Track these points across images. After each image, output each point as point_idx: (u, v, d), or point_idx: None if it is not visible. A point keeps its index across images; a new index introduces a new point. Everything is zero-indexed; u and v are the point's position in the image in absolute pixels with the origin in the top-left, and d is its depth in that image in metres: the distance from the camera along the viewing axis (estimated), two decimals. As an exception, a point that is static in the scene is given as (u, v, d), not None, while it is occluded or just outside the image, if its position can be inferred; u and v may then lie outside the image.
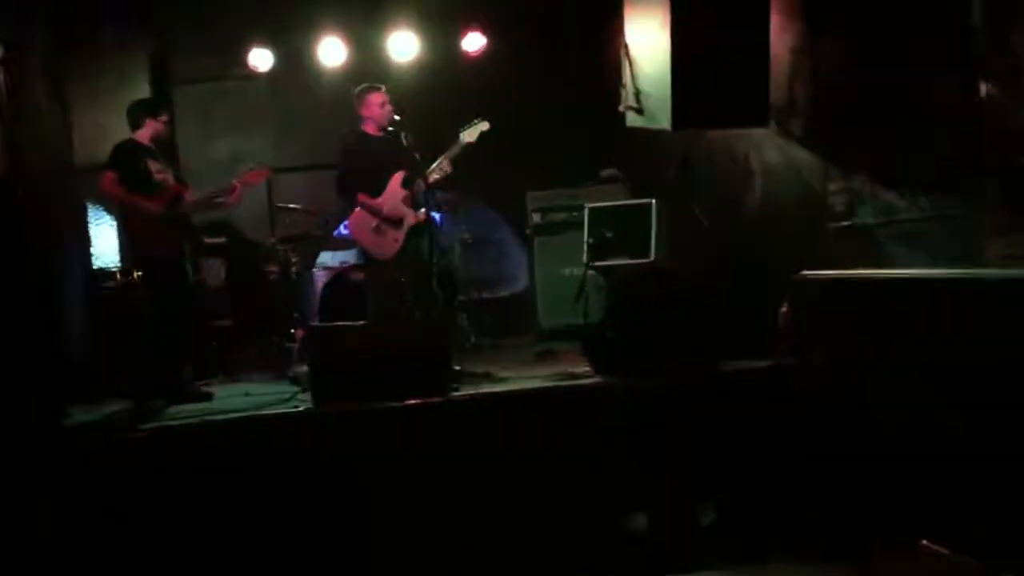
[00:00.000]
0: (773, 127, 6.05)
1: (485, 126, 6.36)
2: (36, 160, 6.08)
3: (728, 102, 5.62)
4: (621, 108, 6.26)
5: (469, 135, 6.35)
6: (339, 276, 7.69)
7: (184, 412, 5.50)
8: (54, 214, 6.39)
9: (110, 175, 5.95)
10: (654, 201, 6.57)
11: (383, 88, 6.60)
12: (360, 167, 6.46)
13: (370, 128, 6.53)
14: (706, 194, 6.58)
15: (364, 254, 6.66)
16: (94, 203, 7.21)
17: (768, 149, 6.41)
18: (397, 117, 6.26)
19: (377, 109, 6.48)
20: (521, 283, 9.29)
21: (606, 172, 7.95)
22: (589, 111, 7.53)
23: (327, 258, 8.22)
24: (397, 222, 6.42)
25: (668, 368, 5.34)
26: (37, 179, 5.99)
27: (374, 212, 6.44)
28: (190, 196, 6.23)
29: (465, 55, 8.33)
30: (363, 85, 6.65)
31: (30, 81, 6.24)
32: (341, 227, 8.66)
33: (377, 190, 6.46)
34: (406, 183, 6.44)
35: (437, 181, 6.35)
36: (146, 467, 4.70)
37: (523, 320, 8.42)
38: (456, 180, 6.69)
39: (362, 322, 6.00)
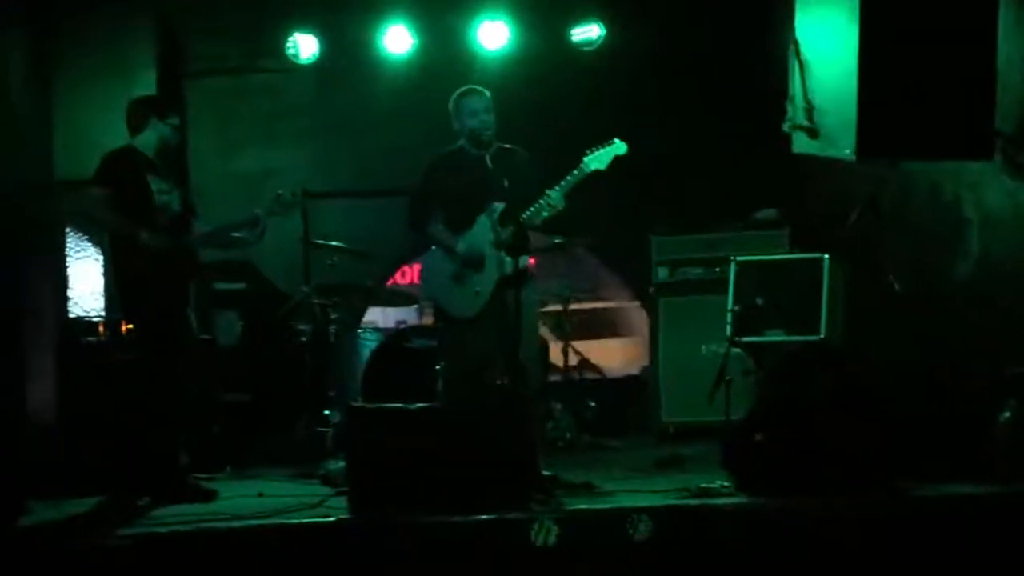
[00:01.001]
0: (999, 161, 5.97)
1: (621, 150, 6.33)
2: (4, 168, 6.26)
3: (935, 125, 5.55)
4: (786, 128, 6.23)
5: (598, 160, 6.30)
6: (393, 340, 7.75)
7: (177, 515, 5.53)
8: (22, 242, 6.56)
9: (99, 192, 6.08)
10: (827, 257, 6.54)
11: (481, 92, 6.62)
12: (445, 191, 6.51)
13: (465, 144, 6.58)
14: (900, 249, 6.49)
15: (437, 311, 6.68)
16: (76, 229, 7.40)
17: (990, 190, 6.34)
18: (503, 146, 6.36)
19: (469, 120, 6.52)
20: (638, 362, 9.25)
21: (762, 214, 7.91)
22: (741, 130, 7.52)
23: (377, 316, 8.30)
24: (480, 269, 6.44)
25: (838, 489, 5.24)
26: (3, 195, 6.16)
27: (448, 250, 6.48)
28: (198, 229, 6.35)
29: (575, 51, 8.41)
30: (459, 91, 6.68)
31: (6, 67, 6.46)
32: (399, 274, 8.80)
33: (464, 223, 6.50)
34: (504, 218, 6.43)
35: (546, 220, 6.34)
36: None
37: (639, 413, 8.35)
38: (555, 219, 6.71)
39: (421, 405, 6.00)
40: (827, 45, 5.91)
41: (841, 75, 5.69)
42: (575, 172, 6.29)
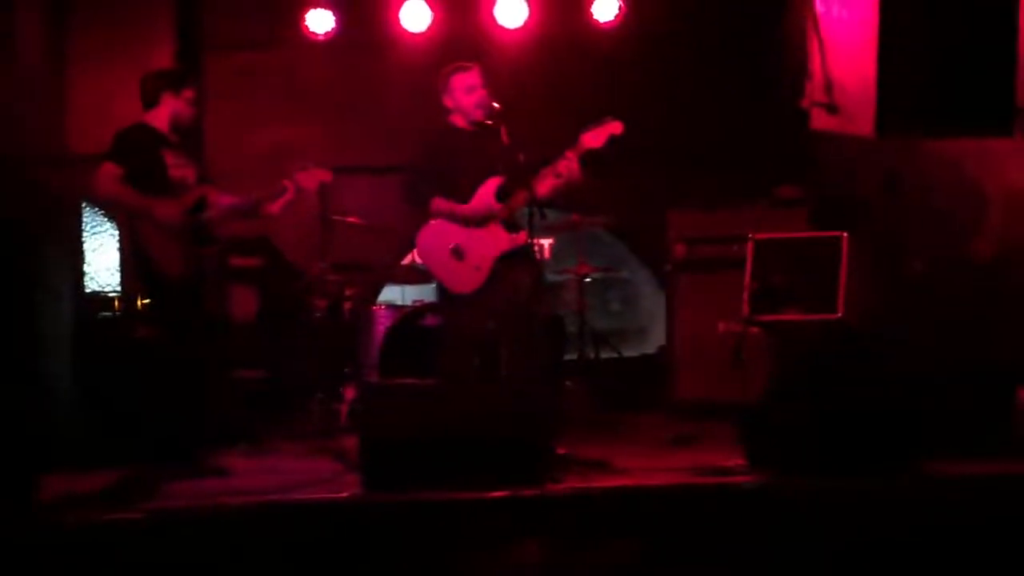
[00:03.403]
0: (1021, 138, 5.92)
1: (616, 128, 6.31)
2: (19, 142, 6.26)
3: (956, 101, 5.52)
4: (805, 104, 6.20)
5: (593, 138, 6.32)
6: (408, 318, 7.76)
7: (191, 491, 5.55)
8: (38, 216, 6.56)
9: (111, 169, 6.08)
10: (846, 235, 6.51)
11: (474, 67, 6.64)
12: (440, 166, 6.50)
13: (457, 120, 6.59)
14: (920, 228, 6.46)
15: (438, 286, 6.68)
16: (91, 205, 7.40)
17: (1013, 169, 6.28)
18: (496, 106, 6.30)
19: (463, 95, 6.54)
20: (654, 340, 9.25)
21: (781, 191, 7.88)
22: (760, 107, 7.49)
23: (394, 294, 8.30)
24: (483, 243, 6.43)
25: (855, 468, 5.22)
26: (18, 169, 6.17)
27: (454, 220, 6.46)
28: (218, 200, 6.35)
29: (594, 26, 8.37)
30: (448, 67, 6.70)
31: (22, 37, 6.44)
32: (415, 252, 8.79)
33: (461, 199, 6.50)
34: (502, 194, 6.45)
35: (548, 193, 6.34)
36: (136, 559, 4.74)
37: (655, 391, 8.35)
38: (572, 195, 6.69)
39: (435, 381, 6.02)
40: (846, 19, 5.86)
41: (860, 50, 5.66)
42: (571, 150, 6.28)
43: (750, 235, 6.87)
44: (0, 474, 5.26)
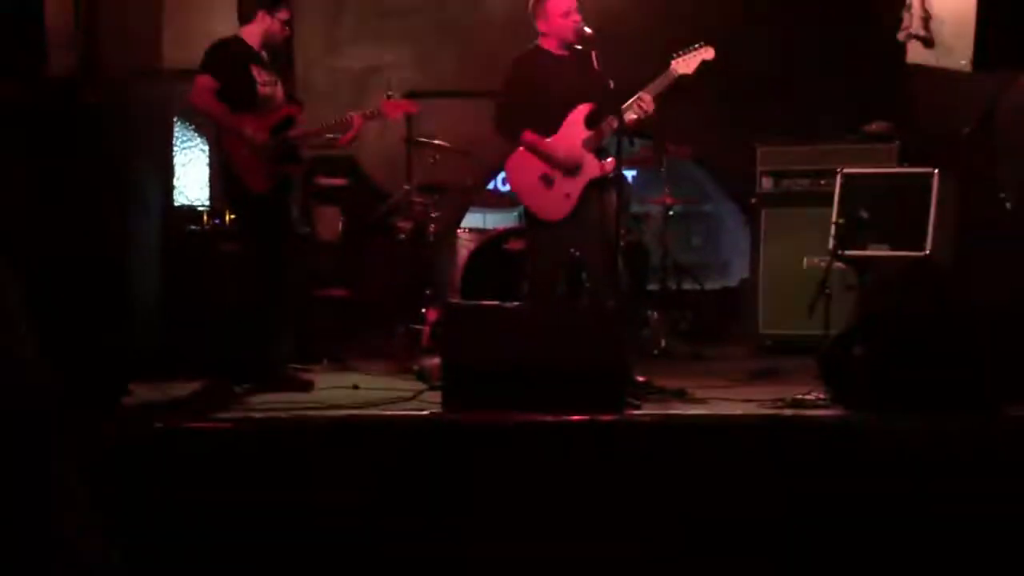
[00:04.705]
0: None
1: (709, 54, 6.27)
2: (115, 58, 6.32)
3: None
4: (901, 36, 6.10)
5: (685, 64, 6.28)
6: (492, 243, 7.77)
7: (274, 402, 5.66)
8: (132, 130, 6.64)
9: (207, 81, 6.12)
10: (937, 172, 6.43)
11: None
12: (531, 95, 6.47)
13: (550, 45, 6.54)
14: (1014, 166, 6.34)
15: (525, 212, 6.67)
16: (182, 121, 7.48)
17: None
18: (588, 31, 6.25)
19: (559, 20, 6.47)
20: (737, 273, 9.21)
21: (872, 127, 7.78)
22: (853, 39, 7.37)
23: (478, 219, 8.31)
24: (573, 172, 6.41)
25: (940, 407, 5.16)
26: (114, 83, 6.23)
27: (543, 156, 6.45)
28: (302, 121, 6.38)
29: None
30: None
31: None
32: (500, 179, 8.79)
33: (551, 127, 6.47)
34: (591, 121, 6.42)
35: (636, 123, 6.31)
36: (217, 465, 4.83)
37: (736, 324, 8.34)
38: (659, 125, 6.64)
39: (517, 304, 6.04)
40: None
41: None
42: (661, 75, 6.25)
43: (839, 169, 6.79)
44: (90, 381, 5.38)
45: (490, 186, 9.00)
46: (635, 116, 6.23)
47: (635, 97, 6.20)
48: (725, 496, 4.90)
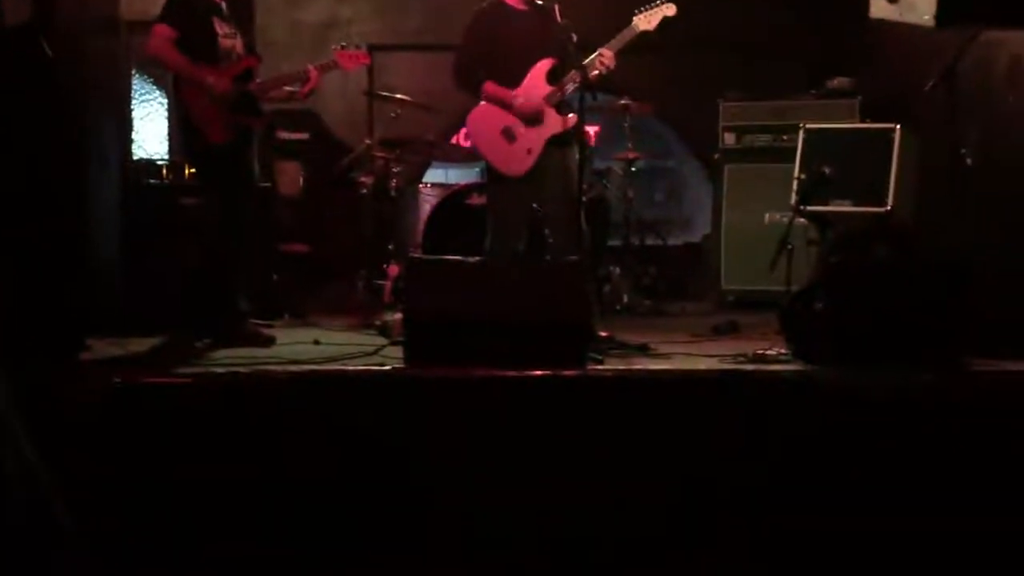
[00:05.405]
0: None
1: (671, 10, 6.25)
2: (71, 8, 6.23)
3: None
4: (864, -9, 6.07)
5: (646, 20, 6.26)
6: (454, 198, 7.74)
7: (235, 357, 5.60)
8: (89, 81, 6.55)
9: (165, 31, 6.00)
10: (898, 127, 6.46)
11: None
12: (490, 49, 6.41)
13: (511, -1, 6.48)
14: (975, 123, 6.34)
15: (487, 168, 6.63)
16: (141, 74, 7.39)
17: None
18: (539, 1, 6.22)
19: (520, -30, 6.42)
20: (700, 229, 9.22)
21: (834, 82, 7.81)
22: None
23: (440, 174, 8.27)
24: (535, 122, 6.38)
25: (901, 362, 5.17)
26: (70, 33, 6.14)
27: (504, 105, 6.40)
28: (260, 75, 6.31)
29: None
30: None
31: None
32: (462, 134, 8.74)
33: (512, 81, 6.42)
34: (554, 76, 6.38)
35: (598, 78, 6.28)
36: (176, 421, 4.80)
37: (698, 279, 8.37)
38: (622, 80, 6.60)
39: (478, 259, 6.01)
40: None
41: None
42: (623, 31, 6.22)
43: (801, 125, 6.79)
44: (48, 335, 5.32)
45: (452, 141, 8.96)
46: (596, 72, 6.19)
47: (596, 53, 6.17)
48: (687, 450, 4.91)
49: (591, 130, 9.08)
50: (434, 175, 9.11)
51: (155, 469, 4.68)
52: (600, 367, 5.32)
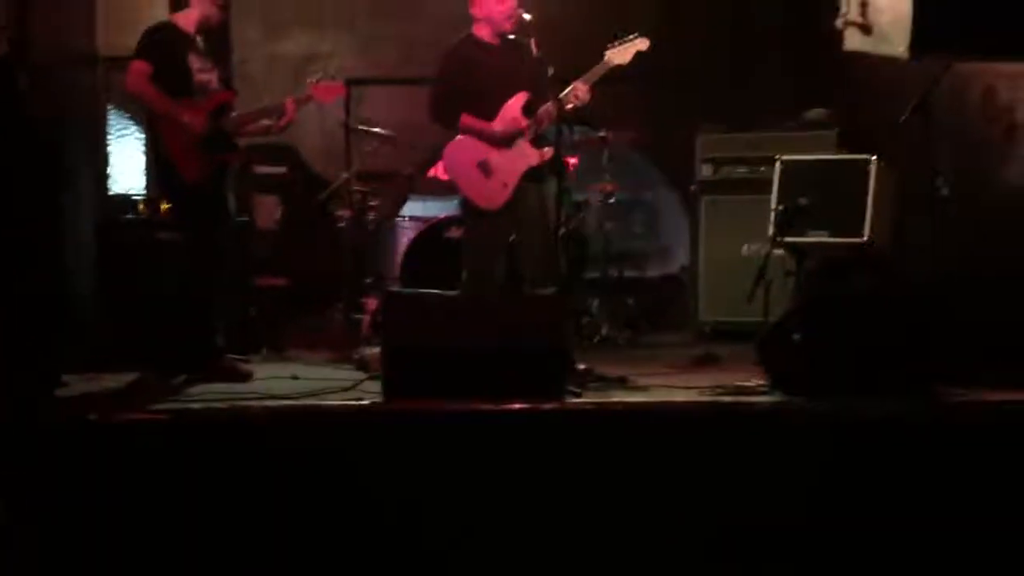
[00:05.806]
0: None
1: (643, 45, 6.27)
2: (47, 43, 6.22)
3: (993, 23, 5.39)
4: (838, 23, 6.08)
5: (619, 54, 6.27)
6: (432, 230, 7.73)
7: (212, 392, 5.58)
8: (64, 115, 6.53)
9: (142, 66, 6.00)
10: (875, 159, 6.48)
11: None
12: (466, 82, 6.42)
13: (483, 33, 6.48)
14: (951, 154, 6.37)
15: (463, 200, 6.62)
16: (118, 109, 7.38)
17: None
18: (527, 17, 6.20)
19: (493, 5, 6.42)
20: (677, 260, 9.22)
21: (810, 114, 7.84)
22: (790, 26, 7.38)
23: (418, 207, 8.26)
24: (510, 159, 6.37)
25: (876, 391, 5.18)
26: (45, 66, 6.13)
27: (481, 135, 6.40)
28: (236, 109, 6.30)
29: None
30: None
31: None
32: (441, 166, 8.73)
33: (488, 115, 6.43)
34: (529, 110, 6.39)
35: (572, 111, 6.29)
36: (153, 458, 4.75)
37: (677, 311, 8.36)
38: (598, 113, 6.61)
39: (456, 292, 6.00)
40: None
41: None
42: (596, 65, 6.21)
43: (777, 156, 6.81)
44: (24, 371, 5.29)
45: (430, 173, 8.95)
46: (571, 105, 6.21)
47: (571, 87, 6.18)
48: (665, 483, 4.89)
49: (571, 160, 9.12)
50: (412, 207, 9.06)
51: (130, 507, 4.64)
52: (578, 400, 5.31)
